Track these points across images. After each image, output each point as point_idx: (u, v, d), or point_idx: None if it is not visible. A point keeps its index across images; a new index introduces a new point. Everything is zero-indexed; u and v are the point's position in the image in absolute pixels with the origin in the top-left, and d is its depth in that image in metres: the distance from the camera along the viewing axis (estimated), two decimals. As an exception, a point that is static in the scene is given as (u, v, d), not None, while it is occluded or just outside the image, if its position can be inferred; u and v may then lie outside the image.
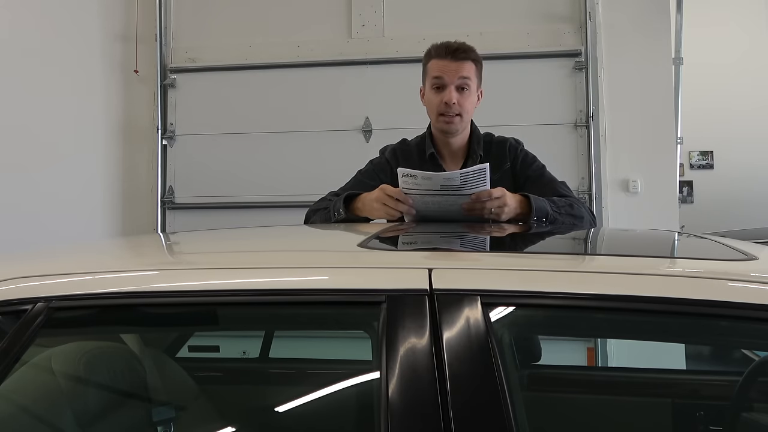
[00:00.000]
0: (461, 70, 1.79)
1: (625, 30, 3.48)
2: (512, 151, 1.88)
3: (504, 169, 1.85)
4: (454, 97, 1.78)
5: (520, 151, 1.89)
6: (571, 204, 1.77)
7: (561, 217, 1.72)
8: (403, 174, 1.64)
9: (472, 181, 1.61)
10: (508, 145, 1.89)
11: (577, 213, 1.76)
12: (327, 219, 1.76)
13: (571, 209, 1.75)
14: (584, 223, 1.78)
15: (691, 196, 6.22)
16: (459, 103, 1.79)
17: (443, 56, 1.80)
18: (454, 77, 1.78)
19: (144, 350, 1.29)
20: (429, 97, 1.84)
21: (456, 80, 1.78)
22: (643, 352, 1.92)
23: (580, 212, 1.78)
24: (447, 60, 1.79)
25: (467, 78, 1.79)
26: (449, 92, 1.78)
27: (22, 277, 1.02)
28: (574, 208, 1.76)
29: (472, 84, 1.81)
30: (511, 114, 3.28)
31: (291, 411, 1.31)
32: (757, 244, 1.23)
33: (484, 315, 0.84)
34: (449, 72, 1.79)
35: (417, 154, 1.90)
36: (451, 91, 1.78)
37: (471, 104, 1.83)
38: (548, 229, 1.68)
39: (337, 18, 3.68)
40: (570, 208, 1.76)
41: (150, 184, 3.75)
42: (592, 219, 1.83)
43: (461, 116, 1.81)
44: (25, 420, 1.09)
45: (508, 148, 1.88)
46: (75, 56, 3.63)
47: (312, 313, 1.05)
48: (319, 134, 3.60)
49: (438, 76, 1.80)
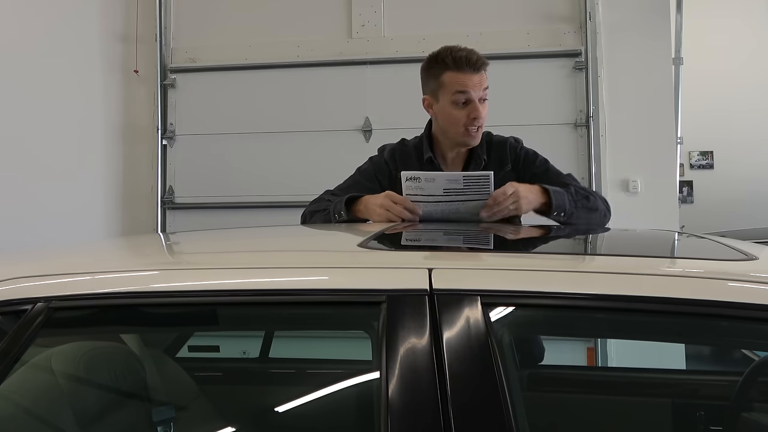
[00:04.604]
0: (483, 81, 1.75)
1: (625, 30, 3.48)
2: (512, 152, 1.85)
3: (505, 170, 1.82)
4: (483, 112, 1.74)
5: (520, 149, 1.87)
6: (587, 196, 1.76)
7: (578, 211, 1.71)
8: (406, 177, 1.64)
9: (475, 187, 1.62)
10: (508, 146, 1.86)
11: (593, 206, 1.76)
12: (327, 220, 1.76)
13: (587, 202, 1.75)
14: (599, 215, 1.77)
15: (691, 196, 6.22)
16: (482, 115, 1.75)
17: (464, 68, 1.72)
18: (479, 91, 1.73)
19: (144, 350, 1.29)
20: (449, 110, 1.76)
21: (480, 93, 1.74)
22: (643, 352, 1.91)
23: (596, 205, 1.77)
24: (469, 73, 1.72)
25: (487, 87, 1.77)
26: (476, 108, 1.73)
27: (22, 277, 1.02)
28: (590, 200, 1.76)
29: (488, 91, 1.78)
30: (511, 114, 3.26)
31: (291, 411, 1.31)
32: (757, 244, 1.23)
33: (484, 315, 0.84)
34: (474, 86, 1.72)
35: (416, 155, 1.87)
36: (478, 106, 1.73)
37: (487, 111, 1.79)
38: (562, 225, 1.69)
39: (337, 18, 3.67)
40: (586, 200, 1.75)
41: (150, 184, 3.75)
42: (606, 209, 1.82)
43: (482, 127, 1.79)
44: (25, 420, 1.09)
45: (509, 149, 1.86)
46: (75, 56, 3.62)
47: (312, 313, 1.05)
48: (319, 134, 3.60)
49: (463, 91, 1.72)
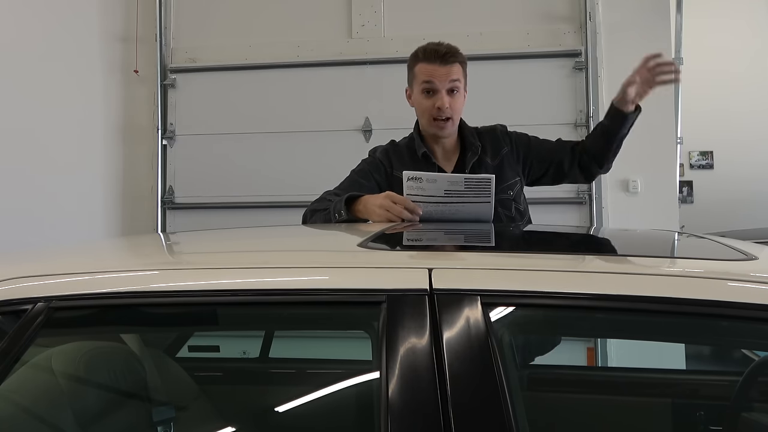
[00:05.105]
0: (451, 73, 1.81)
1: (625, 30, 3.48)
2: (505, 136, 1.95)
3: (503, 153, 1.91)
4: (447, 102, 1.81)
5: (511, 132, 1.98)
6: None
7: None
8: (408, 177, 1.64)
9: (476, 189, 1.63)
10: (499, 132, 1.96)
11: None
12: (327, 220, 1.76)
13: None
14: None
15: (691, 196, 6.22)
16: (450, 107, 1.82)
17: (432, 60, 1.81)
18: (445, 81, 1.81)
19: (144, 350, 1.29)
20: (419, 100, 1.86)
21: (447, 84, 1.81)
22: (643, 352, 1.92)
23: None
24: (436, 64, 1.80)
25: (457, 80, 1.82)
26: (441, 97, 1.81)
27: (22, 277, 1.02)
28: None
29: (461, 85, 1.85)
30: (511, 114, 3.24)
31: (291, 411, 1.31)
32: (757, 244, 1.23)
33: (484, 315, 0.84)
34: (440, 76, 1.81)
35: (408, 154, 1.92)
36: (443, 96, 1.81)
37: (461, 105, 1.87)
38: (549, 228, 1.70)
39: (337, 18, 3.67)
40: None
41: (150, 184, 3.75)
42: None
43: (452, 119, 1.84)
44: (25, 420, 1.09)
45: (500, 134, 1.95)
46: (75, 56, 3.62)
47: (312, 313, 1.05)
48: (318, 134, 3.60)
49: (428, 81, 1.82)
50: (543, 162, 1.96)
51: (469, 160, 1.88)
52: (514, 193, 1.91)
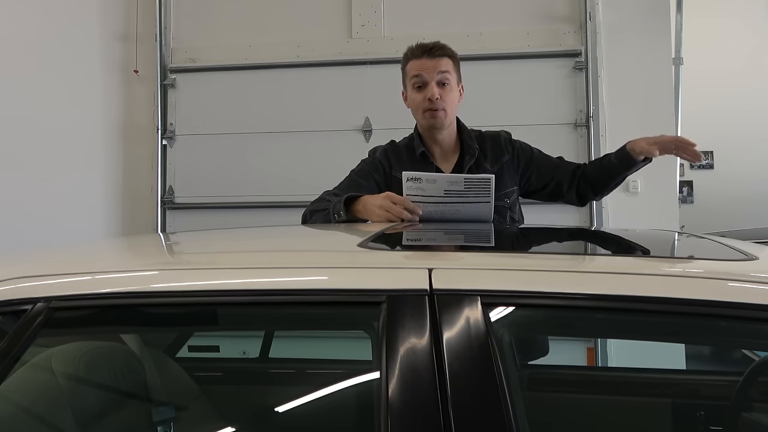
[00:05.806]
0: (439, 65, 1.84)
1: (625, 30, 3.48)
2: (508, 144, 1.95)
3: (504, 161, 1.91)
4: (437, 92, 1.83)
5: (515, 141, 1.97)
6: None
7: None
8: (408, 178, 1.65)
9: (476, 190, 1.63)
10: (502, 139, 1.95)
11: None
12: (327, 220, 1.76)
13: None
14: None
15: (691, 196, 6.22)
16: (442, 98, 1.83)
17: (420, 56, 1.85)
18: (433, 73, 1.83)
19: (144, 350, 1.29)
20: (412, 96, 1.89)
21: (436, 76, 1.83)
22: (643, 352, 1.91)
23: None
24: (424, 59, 1.84)
25: (446, 72, 1.84)
26: (431, 88, 1.83)
27: (22, 277, 1.01)
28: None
29: (452, 78, 1.86)
30: (511, 114, 3.28)
31: (291, 411, 1.31)
32: (757, 244, 1.23)
33: (484, 315, 0.84)
34: (428, 69, 1.84)
35: (407, 154, 1.93)
36: (433, 87, 1.83)
37: (453, 99, 1.88)
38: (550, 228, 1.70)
39: (337, 18, 3.67)
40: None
41: (150, 184, 3.75)
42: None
43: (445, 111, 1.85)
44: (25, 420, 1.09)
45: (503, 142, 1.95)
46: (75, 56, 3.62)
47: (312, 313, 1.04)
48: (319, 134, 3.60)
49: (418, 75, 1.85)
50: (543, 177, 1.96)
51: (466, 163, 1.89)
52: (511, 201, 1.91)
